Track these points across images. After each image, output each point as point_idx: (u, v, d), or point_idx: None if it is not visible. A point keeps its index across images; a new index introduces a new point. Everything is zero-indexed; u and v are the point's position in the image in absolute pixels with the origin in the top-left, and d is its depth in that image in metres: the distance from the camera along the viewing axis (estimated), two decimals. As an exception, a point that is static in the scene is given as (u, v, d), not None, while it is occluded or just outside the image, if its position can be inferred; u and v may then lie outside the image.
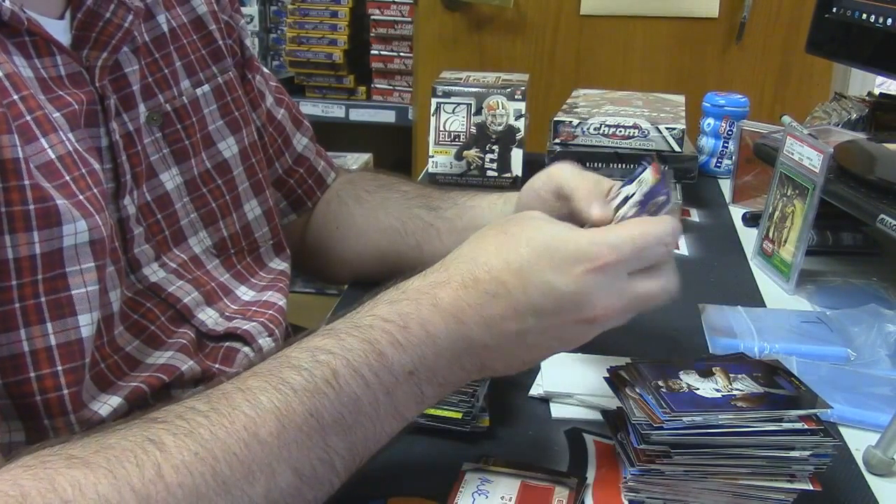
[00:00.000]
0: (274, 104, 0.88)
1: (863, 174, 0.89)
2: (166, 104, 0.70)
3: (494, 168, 1.18)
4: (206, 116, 0.74)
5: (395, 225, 0.87)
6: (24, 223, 0.52)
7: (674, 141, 1.09)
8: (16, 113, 0.53)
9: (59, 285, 0.54)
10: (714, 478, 0.54)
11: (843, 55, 1.11)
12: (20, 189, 0.51)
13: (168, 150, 0.70)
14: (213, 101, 0.75)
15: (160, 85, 0.70)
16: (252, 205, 0.79)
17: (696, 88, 1.43)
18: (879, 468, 0.61)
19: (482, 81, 1.19)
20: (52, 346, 0.53)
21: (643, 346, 0.77)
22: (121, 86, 0.65)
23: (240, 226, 0.77)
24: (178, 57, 0.72)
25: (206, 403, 0.46)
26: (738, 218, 1.12)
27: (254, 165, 0.79)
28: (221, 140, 0.75)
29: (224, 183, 0.76)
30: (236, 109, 0.77)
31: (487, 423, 0.63)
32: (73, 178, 0.55)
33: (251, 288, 0.77)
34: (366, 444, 0.50)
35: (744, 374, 0.58)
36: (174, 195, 0.70)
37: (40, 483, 0.40)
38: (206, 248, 0.74)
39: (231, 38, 0.79)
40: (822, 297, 0.89)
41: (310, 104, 2.23)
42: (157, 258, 0.68)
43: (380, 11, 2.20)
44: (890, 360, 0.74)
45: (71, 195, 0.55)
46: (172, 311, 0.67)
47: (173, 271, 0.69)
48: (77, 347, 0.54)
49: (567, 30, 2.03)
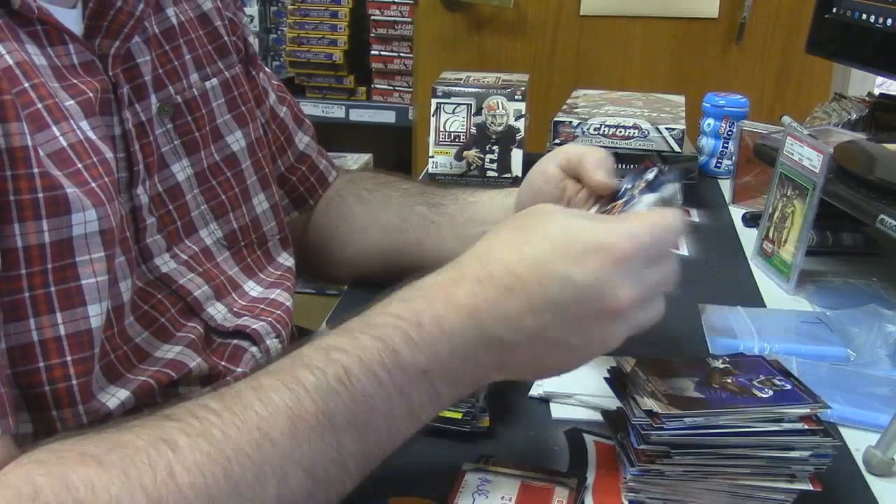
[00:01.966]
0: (276, 102, 0.88)
1: (863, 174, 0.89)
2: (177, 95, 0.70)
3: (494, 168, 1.18)
4: (214, 110, 0.74)
5: (396, 222, 0.88)
6: (32, 211, 0.51)
7: (674, 141, 1.09)
8: (27, 101, 0.53)
9: (69, 275, 0.53)
10: (714, 478, 0.54)
11: (843, 55, 1.11)
12: (29, 177, 0.51)
13: (178, 141, 0.70)
14: (220, 95, 0.75)
15: (171, 76, 0.70)
16: (260, 198, 0.79)
17: (695, 89, 1.43)
18: (879, 468, 0.61)
19: (482, 82, 1.19)
20: (61, 335, 0.53)
21: (643, 346, 0.77)
22: (133, 76, 0.65)
23: (249, 218, 0.78)
24: (188, 50, 0.73)
25: (219, 402, 0.46)
26: (738, 218, 1.12)
27: (261, 160, 0.79)
28: (230, 133, 0.76)
29: (233, 175, 0.76)
30: (243, 104, 0.78)
31: (487, 423, 0.63)
32: (84, 166, 0.55)
33: (259, 283, 0.77)
34: (379, 446, 0.49)
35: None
36: (185, 186, 0.71)
37: (54, 481, 0.40)
38: (216, 240, 0.74)
39: (235, 36, 0.80)
40: (822, 298, 0.89)
41: (310, 104, 2.22)
42: (169, 249, 0.68)
43: (380, 12, 2.20)
44: (890, 360, 0.74)
45: (83, 183, 0.54)
46: (182, 303, 0.67)
47: (184, 263, 0.69)
48: (86, 338, 0.54)
49: (567, 30, 2.03)
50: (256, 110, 0.81)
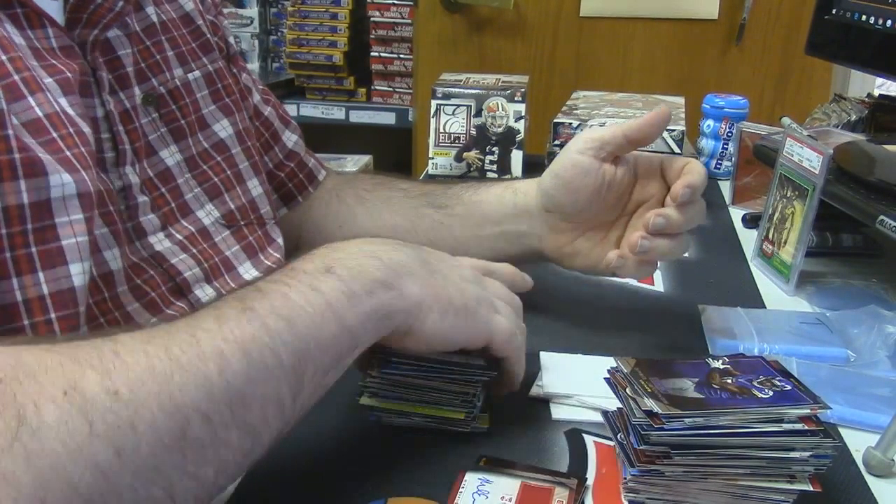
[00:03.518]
0: (260, 102, 0.89)
1: (862, 175, 0.90)
2: (160, 86, 0.71)
3: (494, 170, 1.18)
4: (199, 100, 0.76)
5: (405, 224, 0.88)
6: (10, 172, 0.52)
7: (673, 142, 1.09)
8: (3, 72, 0.54)
9: (49, 235, 0.54)
10: (714, 478, 0.54)
11: (843, 56, 1.11)
12: (5, 139, 0.52)
13: (165, 128, 0.72)
14: (204, 87, 0.77)
15: (153, 70, 0.71)
16: (254, 182, 0.80)
17: (695, 90, 1.43)
18: (879, 469, 0.61)
19: (482, 83, 1.19)
20: (44, 294, 0.54)
21: (643, 346, 0.77)
22: (115, 66, 0.67)
23: (246, 200, 0.78)
24: (170, 47, 0.74)
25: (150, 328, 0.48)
26: (738, 219, 1.13)
27: (250, 148, 0.80)
28: (216, 122, 0.77)
29: (224, 160, 0.77)
30: (227, 96, 0.79)
31: (487, 424, 0.63)
32: (60, 135, 0.56)
33: (255, 266, 0.77)
34: (307, 342, 0.50)
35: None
36: (175, 171, 0.72)
37: (5, 357, 0.40)
38: (214, 220, 0.75)
39: (217, 36, 0.81)
40: (822, 299, 0.89)
41: (310, 106, 2.23)
42: (164, 228, 0.69)
43: (380, 13, 2.21)
44: (890, 361, 0.74)
45: (57, 151, 0.55)
46: (172, 283, 0.68)
47: (178, 243, 0.70)
48: (70, 296, 0.55)
49: (567, 31, 2.03)
50: (242, 102, 0.82)
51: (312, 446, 0.61)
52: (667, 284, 0.90)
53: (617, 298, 0.87)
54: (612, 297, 0.87)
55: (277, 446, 0.49)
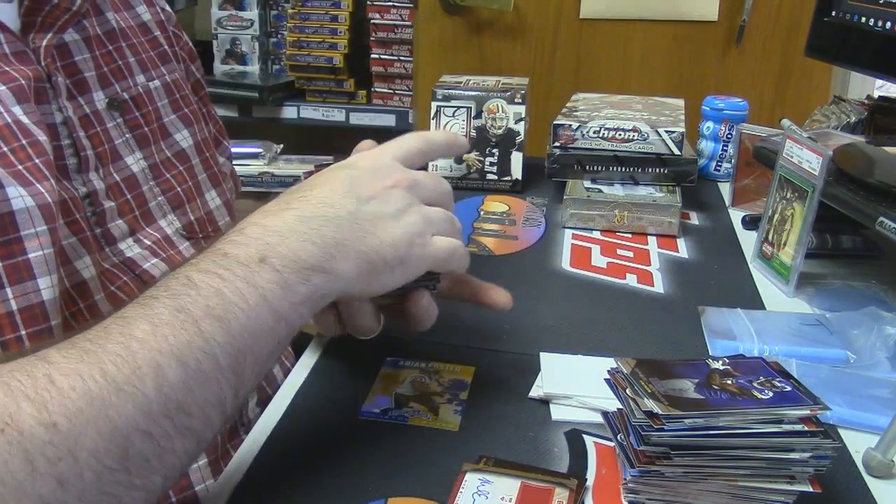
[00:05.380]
0: None
1: (862, 177, 0.90)
2: (123, 92, 0.72)
3: (494, 171, 1.18)
4: (159, 108, 0.76)
5: None
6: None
7: (673, 144, 1.09)
8: None
9: (16, 249, 0.54)
10: (714, 479, 0.54)
11: (843, 58, 1.11)
12: None
13: (130, 135, 0.72)
14: (164, 96, 0.77)
15: (115, 75, 0.71)
16: (212, 194, 0.81)
17: (695, 92, 1.43)
18: (879, 470, 0.61)
19: (482, 85, 1.19)
20: (13, 311, 0.54)
21: (643, 347, 0.77)
22: (72, 71, 0.66)
23: (204, 212, 0.79)
24: (131, 53, 0.74)
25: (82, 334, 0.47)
26: (738, 221, 1.13)
27: (208, 159, 0.81)
28: (177, 132, 0.78)
29: (185, 170, 0.78)
30: (186, 106, 0.80)
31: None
32: (10, 149, 0.56)
33: None
34: (244, 339, 0.49)
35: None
36: (140, 178, 0.72)
37: None
38: (176, 230, 0.75)
39: (178, 46, 0.83)
40: (822, 300, 0.89)
41: (310, 108, 2.23)
42: (132, 234, 0.69)
43: (380, 15, 2.21)
44: (889, 362, 0.74)
45: (8, 165, 0.55)
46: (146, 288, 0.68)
47: (147, 248, 0.70)
48: (39, 311, 0.55)
49: (567, 33, 2.03)
50: (199, 112, 0.83)
51: (312, 446, 0.61)
52: (667, 285, 0.90)
53: (617, 299, 0.87)
54: (612, 297, 0.87)
55: (277, 446, 0.49)
